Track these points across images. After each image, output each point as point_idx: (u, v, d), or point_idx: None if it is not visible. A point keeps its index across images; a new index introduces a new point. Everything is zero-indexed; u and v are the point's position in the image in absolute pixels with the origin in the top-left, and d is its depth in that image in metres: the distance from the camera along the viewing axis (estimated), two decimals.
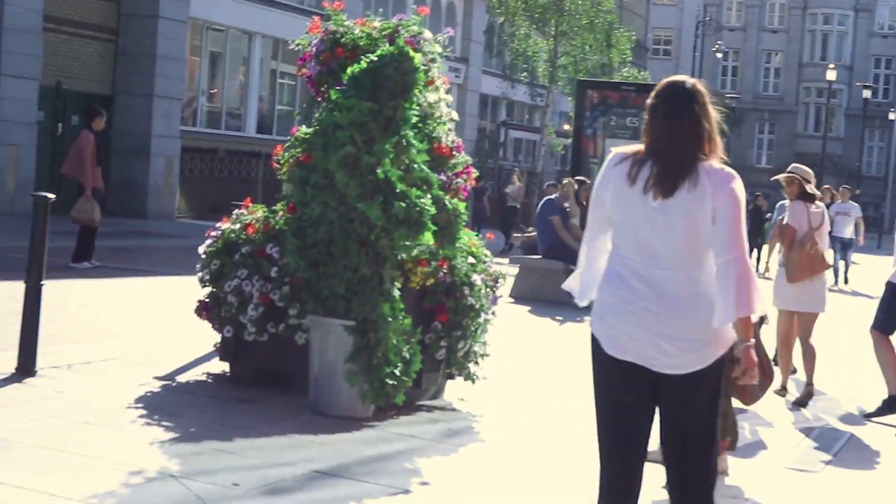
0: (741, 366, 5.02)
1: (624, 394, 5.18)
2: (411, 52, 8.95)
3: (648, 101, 5.19)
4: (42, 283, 9.42)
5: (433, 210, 8.68)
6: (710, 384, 5.09)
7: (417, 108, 9.12)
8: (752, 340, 5.03)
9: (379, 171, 8.54)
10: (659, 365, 5.06)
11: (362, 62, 8.94)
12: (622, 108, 23.69)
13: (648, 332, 5.01)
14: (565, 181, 20.53)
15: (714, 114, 5.15)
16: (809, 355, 12.03)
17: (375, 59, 8.88)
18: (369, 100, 8.74)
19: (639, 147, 5.18)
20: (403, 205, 8.53)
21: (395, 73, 8.81)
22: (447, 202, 9.18)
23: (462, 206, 9.44)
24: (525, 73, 47.21)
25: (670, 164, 5.03)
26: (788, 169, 12.43)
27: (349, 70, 9.00)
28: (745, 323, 4.98)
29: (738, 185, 5.06)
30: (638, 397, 5.17)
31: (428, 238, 8.73)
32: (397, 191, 8.55)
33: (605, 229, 5.26)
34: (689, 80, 5.21)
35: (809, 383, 11.90)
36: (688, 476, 5.15)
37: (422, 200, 8.63)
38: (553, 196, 20.25)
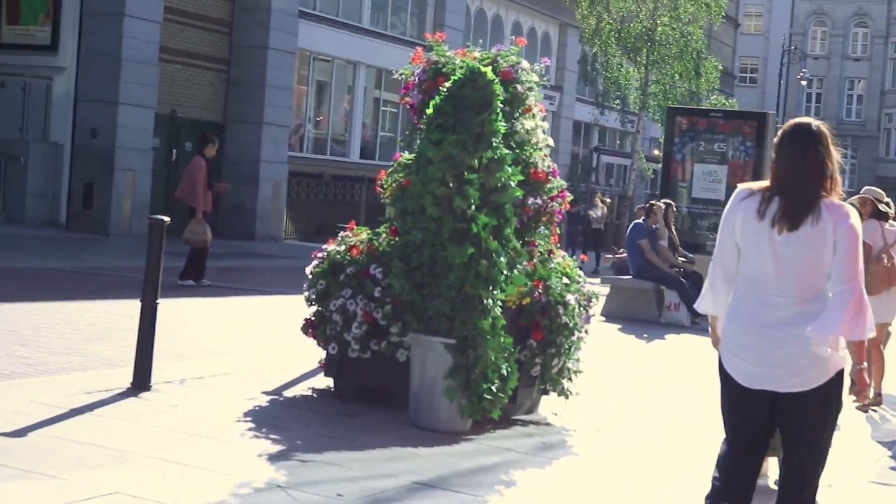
0: (855, 387, 5.36)
1: (748, 412, 5.52)
2: (482, 68, 8.91)
3: (775, 140, 5.43)
4: (157, 301, 9.48)
5: (504, 271, 8.68)
6: (825, 401, 5.36)
7: (509, 133, 9.10)
8: (865, 364, 5.32)
9: (473, 225, 8.54)
10: (780, 385, 5.36)
11: (441, 93, 8.94)
12: (710, 134, 23.44)
13: (771, 354, 5.33)
14: (654, 204, 20.38)
15: (836, 154, 5.33)
16: (880, 364, 12.03)
17: (451, 84, 8.87)
18: (454, 123, 8.72)
19: (764, 183, 5.46)
20: (485, 263, 8.54)
21: (472, 92, 8.78)
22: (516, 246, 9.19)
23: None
24: (617, 101, 47.06)
25: (795, 202, 5.29)
26: (862, 191, 12.60)
27: (432, 103, 8.98)
28: (857, 347, 5.31)
29: (856, 220, 5.32)
30: (760, 414, 5.49)
31: (506, 293, 8.80)
32: (484, 245, 8.57)
33: (734, 255, 5.51)
34: (815, 123, 5.39)
35: (878, 392, 11.91)
36: (797, 481, 5.49)
37: (500, 260, 8.63)
38: (642, 219, 20.10)
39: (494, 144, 8.76)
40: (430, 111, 8.94)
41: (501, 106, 8.99)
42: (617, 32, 41.58)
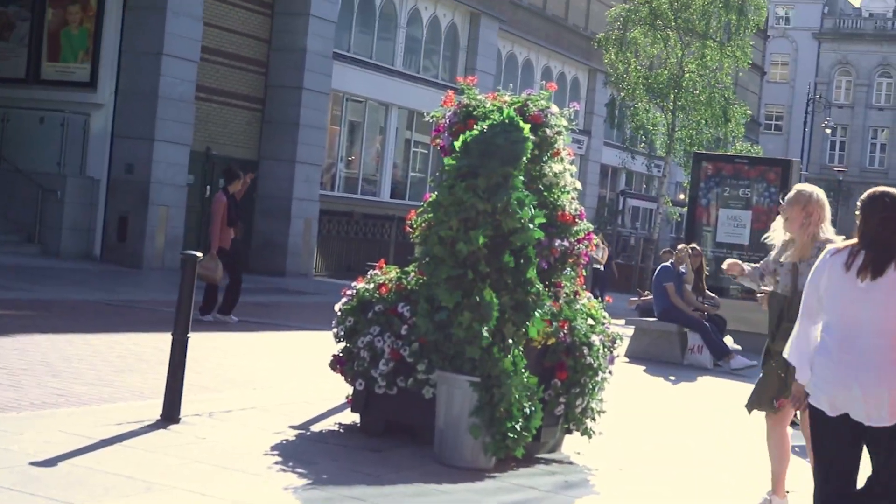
0: None
1: (839, 446, 6.08)
2: (521, 122, 8.92)
3: (860, 204, 6.24)
4: (188, 335, 9.48)
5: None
6: None
7: (537, 176, 9.11)
8: None
9: (470, 272, 8.56)
10: (868, 419, 5.94)
11: (474, 130, 8.94)
12: (735, 180, 23.45)
13: (858, 392, 5.90)
14: (680, 247, 20.33)
15: None
16: None
17: (485, 127, 8.87)
18: (477, 167, 8.74)
19: (851, 241, 6.21)
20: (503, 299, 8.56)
21: (504, 142, 8.79)
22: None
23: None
24: (643, 145, 47.05)
25: (881, 253, 6.00)
26: None
27: (462, 137, 8.99)
28: None
29: None
30: (850, 446, 6.08)
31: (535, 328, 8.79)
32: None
33: (818, 308, 6.15)
34: (892, 191, 6.25)
35: None
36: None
37: (493, 301, 8.63)
38: (669, 262, 20.05)
39: (510, 196, 8.75)
40: (457, 144, 8.95)
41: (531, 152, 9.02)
42: (644, 78, 41.61)
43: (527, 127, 8.99)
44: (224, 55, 31.28)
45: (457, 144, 8.98)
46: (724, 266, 9.23)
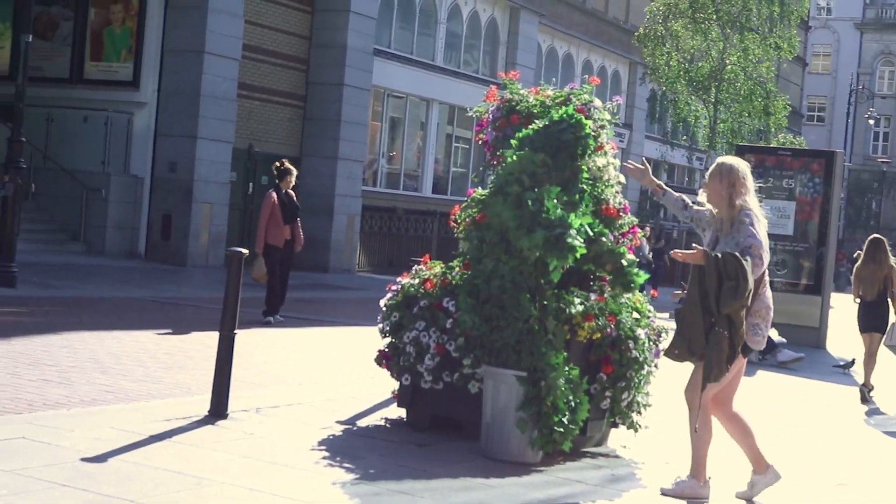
0: None
1: None
2: (583, 118, 8.95)
3: None
4: (234, 331, 9.54)
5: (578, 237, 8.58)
6: None
7: (587, 171, 9.12)
8: None
9: (547, 203, 8.49)
10: None
11: (535, 124, 8.95)
12: (779, 171, 23.35)
13: None
14: None
15: None
16: None
17: (550, 122, 8.89)
18: (549, 162, 8.77)
19: None
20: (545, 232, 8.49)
21: (572, 138, 8.82)
22: (611, 244, 9.14)
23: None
24: (685, 138, 46.88)
25: None
26: None
27: (521, 133, 9.01)
28: None
29: None
30: None
31: (571, 259, 8.67)
32: (552, 218, 8.50)
33: None
34: None
35: None
36: None
37: (571, 230, 8.54)
38: None
39: (578, 192, 8.78)
40: (515, 143, 8.96)
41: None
42: (686, 71, 41.45)
43: (588, 123, 9.03)
44: (265, 52, 31.39)
45: (514, 142, 8.98)
46: (628, 165, 8.96)
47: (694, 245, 8.46)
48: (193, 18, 28.03)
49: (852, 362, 18.97)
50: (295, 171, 18.53)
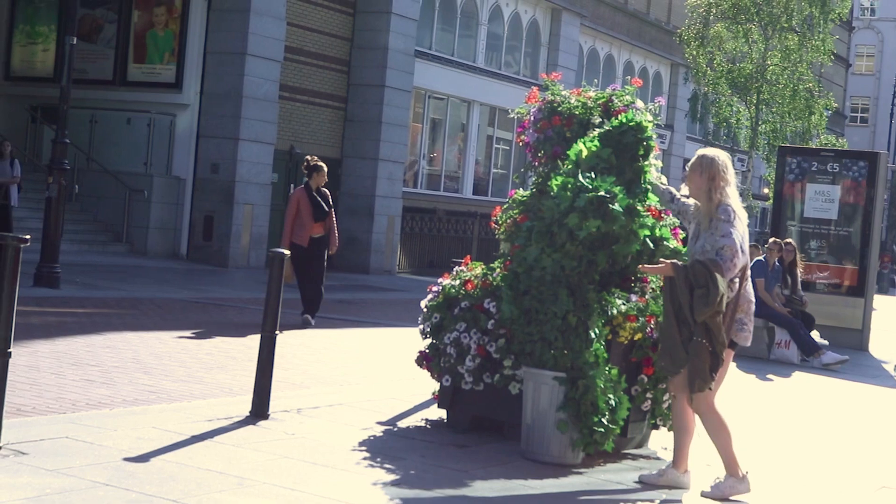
0: None
1: None
2: (644, 122, 8.99)
3: None
4: (276, 332, 9.57)
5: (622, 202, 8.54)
6: None
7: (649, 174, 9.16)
8: None
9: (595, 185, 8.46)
10: None
11: (598, 130, 8.97)
12: (822, 165, 23.25)
13: None
14: (773, 240, 20.09)
15: None
16: None
17: (611, 127, 8.92)
18: (612, 166, 8.81)
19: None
20: (589, 195, 8.45)
21: (633, 140, 8.85)
22: (675, 246, 9.13)
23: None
24: (726, 139, 46.71)
25: None
26: None
27: (583, 140, 8.99)
28: None
29: None
30: None
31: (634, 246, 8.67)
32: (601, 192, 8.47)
33: None
34: None
35: None
36: None
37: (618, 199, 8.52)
38: (762, 257, 19.87)
39: (642, 195, 8.81)
40: (583, 142, 8.96)
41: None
42: (728, 72, 41.29)
43: (650, 126, 9.05)
44: (307, 54, 31.48)
45: (583, 143, 8.97)
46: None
47: (661, 259, 8.48)
48: (236, 21, 28.15)
49: None
50: (325, 168, 18.06)
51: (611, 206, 8.42)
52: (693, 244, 8.28)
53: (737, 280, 8.10)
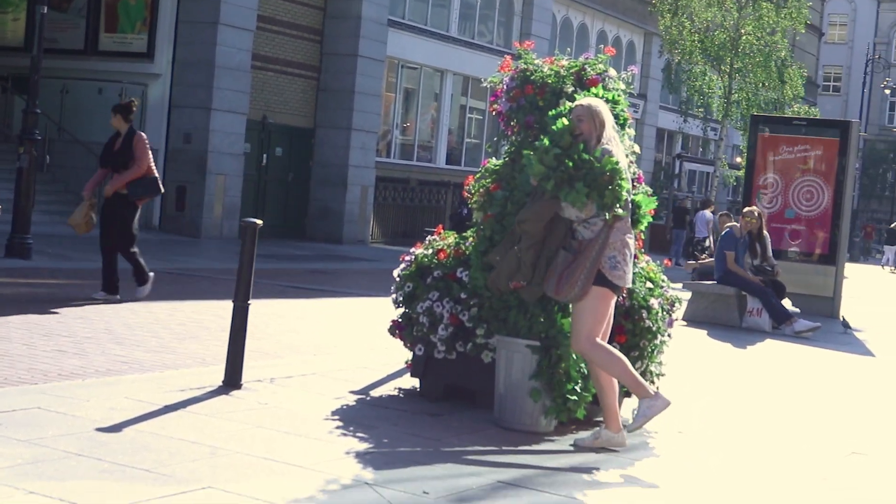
0: None
1: None
2: (616, 95, 9.01)
3: None
4: (248, 302, 9.56)
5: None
6: None
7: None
8: None
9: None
10: None
11: (566, 104, 8.91)
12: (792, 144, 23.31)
13: None
14: (746, 210, 20.13)
15: None
16: None
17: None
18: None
19: None
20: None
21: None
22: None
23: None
24: (700, 109, 46.77)
25: None
26: None
27: (552, 113, 8.94)
28: None
29: None
30: None
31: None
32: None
33: None
34: None
35: None
36: None
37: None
38: (729, 226, 19.91)
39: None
40: (552, 113, 8.91)
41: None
42: (701, 41, 41.29)
43: (623, 98, 9.04)
44: (279, 23, 31.40)
45: (552, 113, 8.93)
46: None
47: None
48: None
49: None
50: (125, 109, 15.57)
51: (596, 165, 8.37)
52: None
53: (600, 222, 8.15)
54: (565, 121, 8.34)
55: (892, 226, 60.12)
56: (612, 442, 8.44)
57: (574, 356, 8.63)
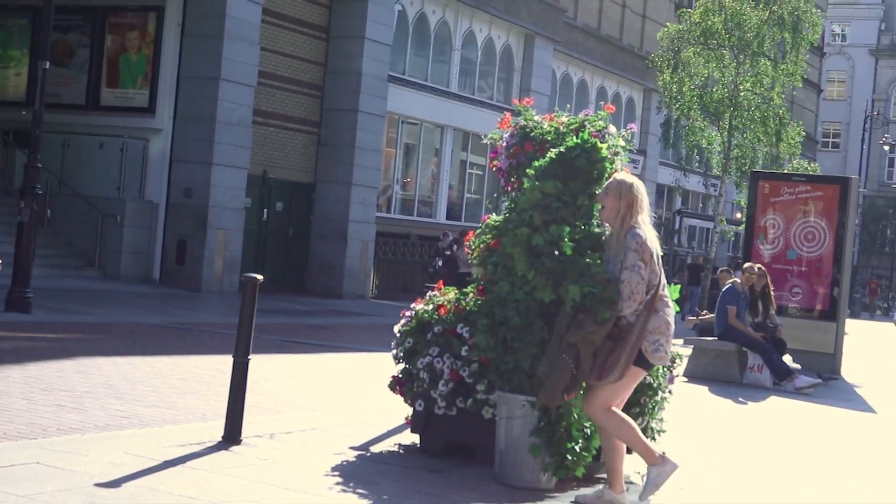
0: None
1: None
2: (598, 143, 8.92)
3: None
4: (249, 357, 9.54)
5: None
6: None
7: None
8: None
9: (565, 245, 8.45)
10: None
11: (551, 153, 8.94)
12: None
13: None
14: (746, 266, 20.14)
15: None
16: None
17: (564, 150, 8.87)
18: (563, 190, 8.75)
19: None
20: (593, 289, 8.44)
21: (586, 163, 8.80)
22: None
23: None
24: (699, 164, 46.86)
25: None
26: None
27: (536, 164, 9.00)
28: None
29: None
30: None
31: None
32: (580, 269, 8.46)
33: None
34: None
35: None
36: None
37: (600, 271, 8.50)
38: (731, 282, 19.90)
39: (594, 221, 8.76)
40: (532, 171, 8.95)
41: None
42: (699, 98, 41.40)
43: (604, 146, 9.00)
44: (280, 79, 31.52)
45: (531, 171, 8.97)
46: None
47: None
48: (209, 45, 28.16)
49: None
50: None
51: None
52: (606, 267, 8.32)
53: (640, 307, 8.07)
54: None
55: None
56: (614, 502, 8.40)
57: (576, 415, 8.60)
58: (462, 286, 10.37)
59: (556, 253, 8.50)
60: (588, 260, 8.45)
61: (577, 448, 8.62)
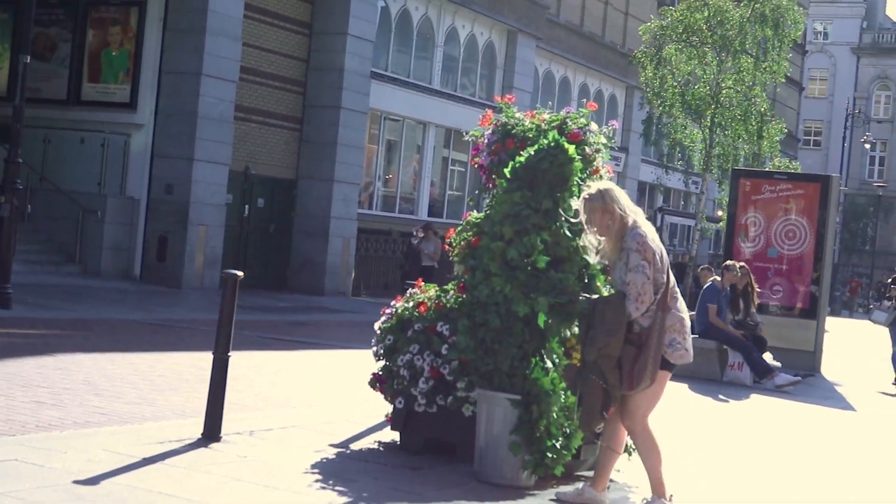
0: None
1: None
2: (565, 144, 8.90)
3: None
4: (229, 354, 9.52)
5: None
6: None
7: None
8: None
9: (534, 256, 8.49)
10: None
11: (521, 156, 8.95)
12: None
13: None
14: (727, 264, 20.18)
15: None
16: None
17: (531, 153, 8.88)
18: (529, 195, 8.76)
19: None
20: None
21: (550, 167, 8.78)
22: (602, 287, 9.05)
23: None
24: (680, 162, 46.90)
25: None
26: None
27: (506, 170, 9.01)
28: None
29: None
30: None
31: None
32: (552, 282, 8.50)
33: None
34: None
35: None
36: None
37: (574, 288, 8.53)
38: (712, 280, 19.94)
39: (559, 223, 8.73)
40: (507, 172, 8.97)
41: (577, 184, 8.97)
42: (681, 95, 41.42)
43: (571, 148, 8.96)
44: (263, 75, 31.45)
45: (506, 171, 8.99)
46: None
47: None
48: (191, 41, 28.08)
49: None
50: None
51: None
52: (612, 275, 8.28)
53: (653, 308, 8.01)
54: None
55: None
56: (595, 500, 8.39)
57: (555, 414, 8.60)
58: (426, 279, 10.39)
59: (530, 268, 8.55)
60: (560, 276, 8.50)
61: (557, 446, 8.63)
